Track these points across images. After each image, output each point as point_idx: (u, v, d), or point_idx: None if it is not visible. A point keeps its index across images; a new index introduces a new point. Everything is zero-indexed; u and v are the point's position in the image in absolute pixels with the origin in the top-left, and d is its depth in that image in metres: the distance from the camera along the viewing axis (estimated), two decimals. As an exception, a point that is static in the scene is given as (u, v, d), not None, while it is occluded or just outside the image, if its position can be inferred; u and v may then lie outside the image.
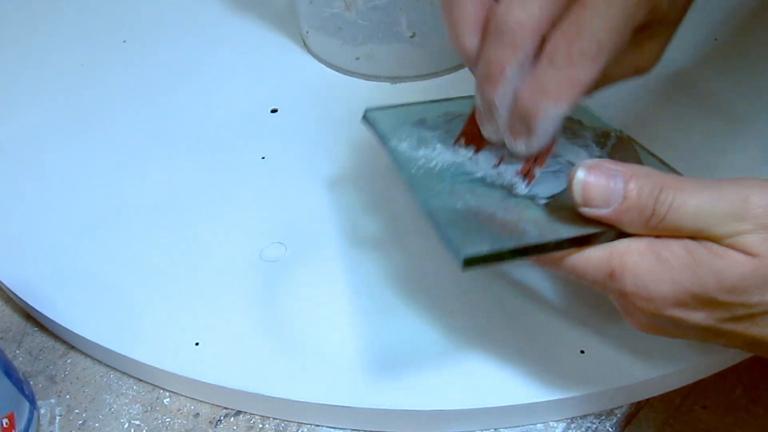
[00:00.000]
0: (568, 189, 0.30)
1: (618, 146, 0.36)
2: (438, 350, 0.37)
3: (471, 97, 0.37)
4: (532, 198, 0.32)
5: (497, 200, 0.32)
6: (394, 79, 0.54)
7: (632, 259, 0.29)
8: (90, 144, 0.50)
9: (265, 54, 0.58)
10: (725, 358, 0.38)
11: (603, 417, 0.37)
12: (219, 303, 0.40)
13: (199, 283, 0.41)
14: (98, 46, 0.59)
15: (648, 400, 0.38)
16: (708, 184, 0.29)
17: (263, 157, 0.49)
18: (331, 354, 0.38)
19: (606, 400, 0.37)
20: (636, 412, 0.37)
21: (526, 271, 0.40)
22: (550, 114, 0.30)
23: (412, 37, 0.52)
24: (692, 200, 0.28)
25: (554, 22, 0.30)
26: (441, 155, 0.35)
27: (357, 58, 0.54)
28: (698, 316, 0.29)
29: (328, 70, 0.56)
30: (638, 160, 0.35)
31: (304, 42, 0.58)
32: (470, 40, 0.32)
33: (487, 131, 0.33)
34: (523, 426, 0.37)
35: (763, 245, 0.28)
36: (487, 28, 0.31)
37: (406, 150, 0.35)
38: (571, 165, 0.33)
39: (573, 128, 0.37)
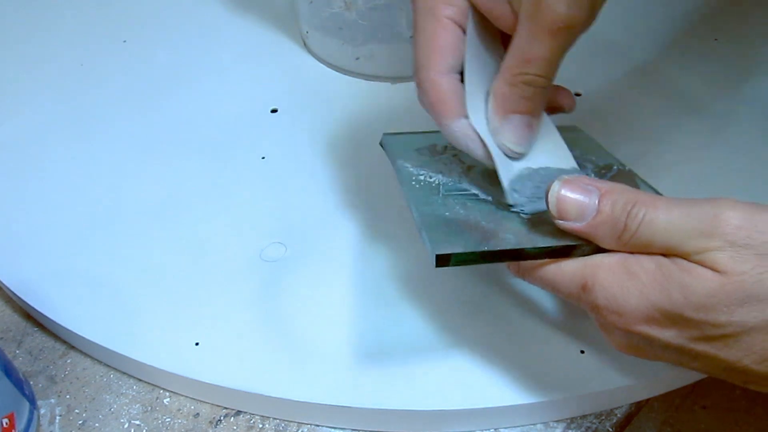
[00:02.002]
0: (545, 201, 0.31)
1: (617, 178, 0.37)
2: (438, 350, 0.37)
3: None
4: (517, 213, 0.33)
5: (485, 213, 0.34)
6: (394, 79, 0.54)
7: (603, 273, 0.30)
8: (90, 144, 0.50)
9: (265, 54, 0.58)
10: (725, 358, 0.38)
11: (603, 417, 0.37)
12: (219, 303, 0.40)
13: (199, 283, 0.41)
14: (98, 46, 0.59)
15: (648, 400, 0.38)
16: (681, 202, 0.29)
17: (263, 157, 0.49)
18: (331, 354, 0.38)
19: (606, 400, 0.37)
20: (636, 412, 0.37)
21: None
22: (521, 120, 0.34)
23: (412, 37, 0.52)
24: (663, 216, 0.29)
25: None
26: (440, 175, 0.37)
27: (357, 58, 0.54)
28: (669, 334, 0.29)
29: (328, 70, 0.56)
30: None
31: (304, 42, 0.58)
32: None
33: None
34: (523, 426, 0.37)
35: (730, 263, 0.27)
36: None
37: (410, 168, 0.37)
38: None
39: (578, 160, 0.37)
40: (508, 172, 0.34)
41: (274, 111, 0.52)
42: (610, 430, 0.36)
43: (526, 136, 0.34)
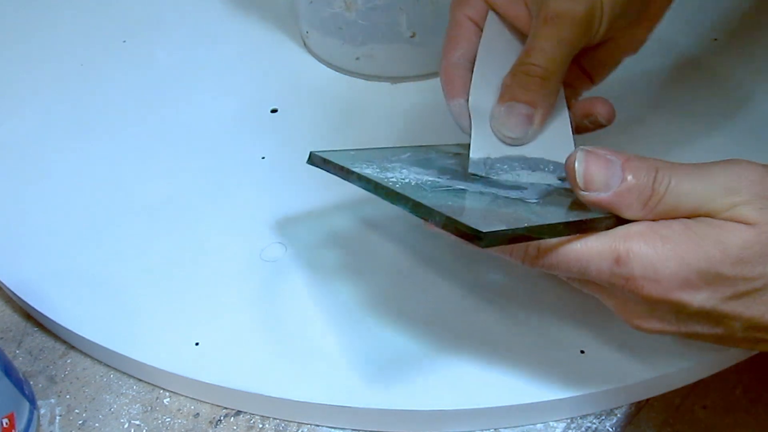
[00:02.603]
0: (567, 175, 0.31)
1: None
2: (438, 350, 0.37)
3: (419, 146, 0.40)
4: (521, 200, 0.33)
5: (487, 201, 0.33)
6: (394, 79, 0.54)
7: (636, 242, 0.29)
8: (90, 144, 0.50)
9: (265, 54, 0.58)
10: (725, 358, 0.38)
11: (603, 417, 0.37)
12: (219, 303, 0.40)
13: (199, 283, 0.41)
14: (98, 46, 0.59)
15: (648, 400, 0.38)
16: (698, 166, 0.30)
17: (263, 157, 0.49)
18: (331, 354, 0.38)
19: (606, 400, 0.37)
20: (636, 412, 0.37)
21: (525, 272, 0.40)
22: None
23: (412, 37, 0.52)
24: (687, 180, 0.29)
25: None
26: (411, 175, 0.34)
27: (357, 58, 0.54)
28: (701, 297, 0.29)
29: (328, 70, 0.56)
30: None
31: (304, 42, 0.58)
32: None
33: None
34: (523, 426, 0.37)
35: (760, 214, 0.28)
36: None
37: (373, 174, 0.33)
38: (535, 184, 0.35)
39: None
40: (479, 149, 0.35)
41: (274, 111, 0.52)
42: (610, 430, 0.36)
43: (520, 124, 0.35)
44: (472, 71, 0.38)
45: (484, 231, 0.27)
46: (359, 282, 0.41)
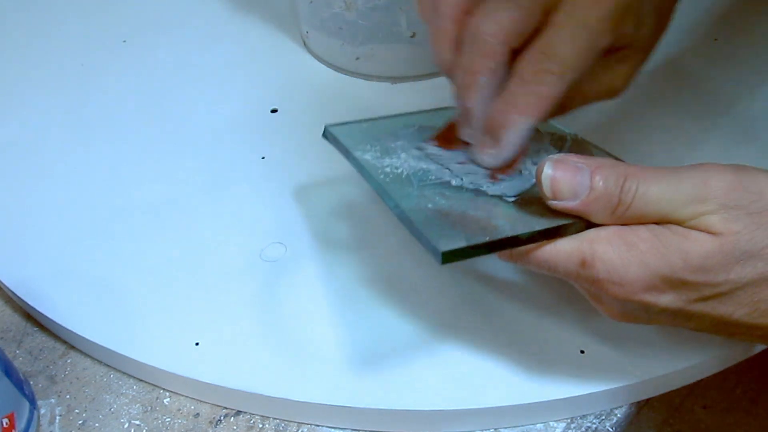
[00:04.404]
0: (537, 184, 0.31)
1: (574, 148, 0.38)
2: (438, 350, 0.37)
3: (429, 111, 0.41)
4: (500, 197, 0.34)
5: (466, 200, 0.33)
6: (394, 79, 0.54)
7: (602, 247, 0.30)
8: (90, 144, 0.50)
9: (265, 54, 0.58)
10: (726, 358, 0.38)
11: (603, 417, 0.37)
12: (219, 303, 0.40)
13: (199, 283, 0.41)
14: (98, 46, 0.59)
15: (648, 400, 0.38)
16: (668, 171, 0.30)
17: (263, 157, 0.49)
18: (331, 354, 0.38)
19: (606, 400, 0.37)
20: (636, 412, 0.37)
21: (525, 272, 0.40)
22: (518, 125, 0.33)
23: (412, 37, 0.52)
24: (655, 187, 0.30)
25: (525, 39, 0.33)
26: (406, 163, 0.36)
27: (357, 58, 0.54)
28: (667, 299, 0.30)
29: (328, 70, 0.56)
30: None
31: (304, 42, 0.58)
32: (447, 54, 0.35)
33: (465, 135, 0.36)
34: (523, 426, 0.37)
35: (724, 224, 0.29)
36: (462, 40, 0.34)
37: (371, 159, 0.36)
38: (533, 164, 0.35)
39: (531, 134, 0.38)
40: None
41: (274, 111, 0.52)
42: (610, 430, 0.36)
43: (494, 157, 0.35)
44: None
45: (441, 251, 0.29)
46: (359, 281, 0.41)
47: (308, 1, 0.53)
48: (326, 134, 0.39)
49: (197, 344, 0.38)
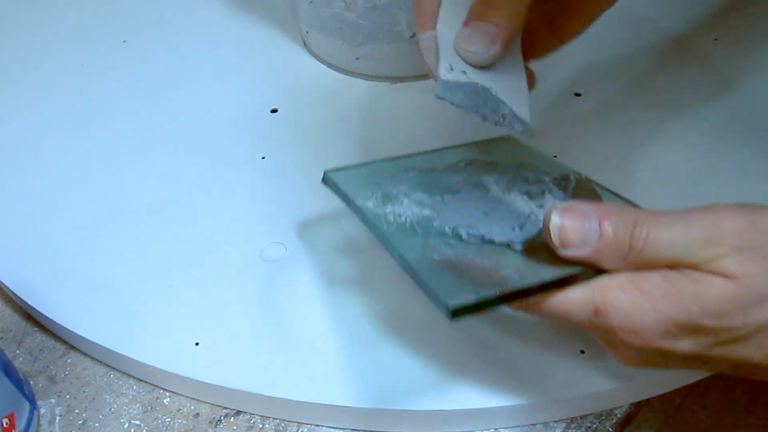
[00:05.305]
0: (545, 233, 0.31)
1: (578, 187, 0.37)
2: (438, 350, 0.37)
3: (429, 152, 0.40)
4: (507, 245, 0.33)
5: (473, 249, 0.33)
6: (394, 79, 0.54)
7: (615, 295, 0.29)
8: (90, 144, 0.50)
9: (265, 54, 0.58)
10: (725, 358, 0.38)
11: (603, 417, 0.37)
12: (219, 303, 0.40)
13: (199, 283, 0.41)
14: (98, 46, 0.59)
15: (648, 400, 0.38)
16: (679, 215, 0.29)
17: (263, 157, 0.49)
18: (331, 354, 0.38)
19: (606, 400, 0.37)
20: (636, 412, 0.37)
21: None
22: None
23: (412, 37, 0.52)
24: (666, 232, 0.29)
25: None
26: (409, 209, 0.35)
27: (357, 58, 0.54)
28: (685, 345, 0.29)
29: (328, 70, 0.56)
30: (599, 199, 0.36)
31: (304, 42, 0.58)
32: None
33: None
34: (523, 426, 0.37)
35: (740, 267, 0.28)
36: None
37: (373, 207, 0.35)
38: (539, 207, 0.34)
39: (533, 175, 0.37)
40: (446, 71, 0.36)
41: (274, 111, 0.52)
42: (610, 430, 0.36)
43: (484, 41, 0.36)
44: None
45: (451, 308, 0.29)
46: (359, 281, 0.41)
47: (308, 1, 0.53)
48: (326, 180, 0.38)
49: (197, 344, 0.38)
